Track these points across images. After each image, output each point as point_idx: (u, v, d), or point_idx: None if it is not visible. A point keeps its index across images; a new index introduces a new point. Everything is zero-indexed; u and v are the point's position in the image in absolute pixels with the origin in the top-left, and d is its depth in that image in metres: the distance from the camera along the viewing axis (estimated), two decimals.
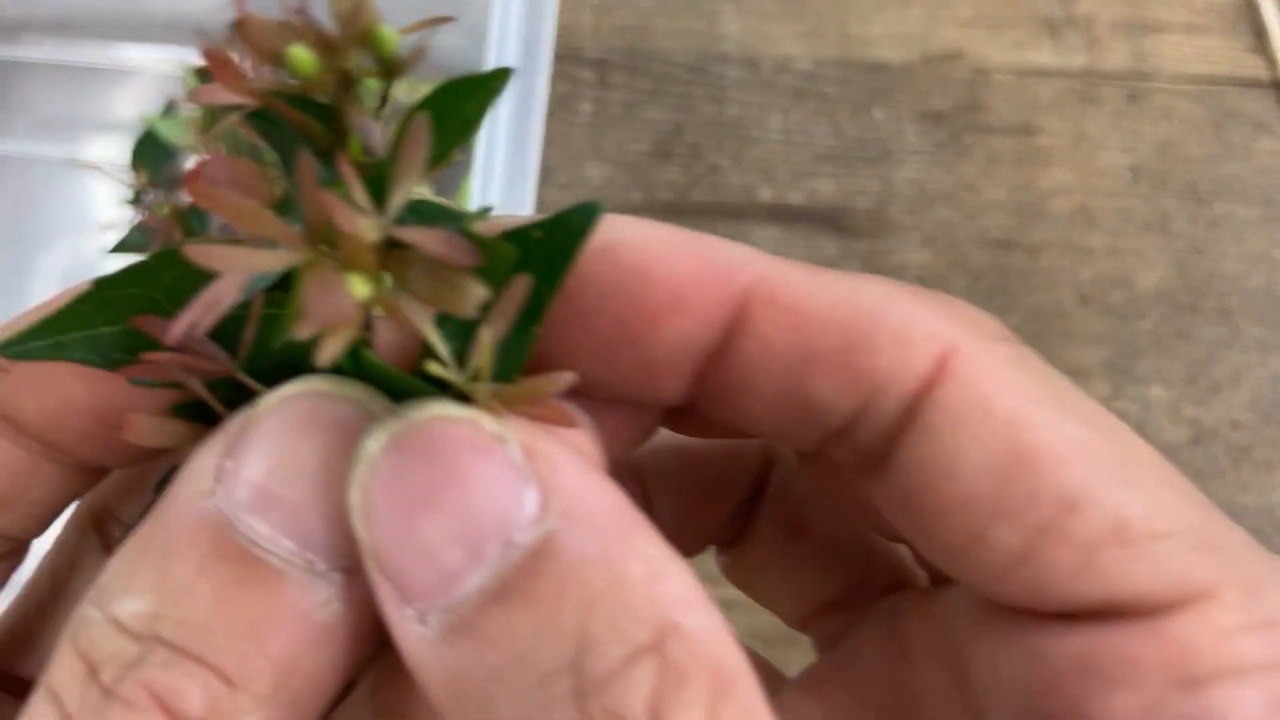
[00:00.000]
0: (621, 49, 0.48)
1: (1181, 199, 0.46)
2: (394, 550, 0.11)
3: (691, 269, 0.13)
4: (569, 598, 0.11)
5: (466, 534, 0.11)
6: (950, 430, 0.13)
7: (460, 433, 0.11)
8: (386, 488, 0.11)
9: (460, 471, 0.11)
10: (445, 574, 0.11)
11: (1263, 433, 0.45)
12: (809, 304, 0.13)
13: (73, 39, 0.49)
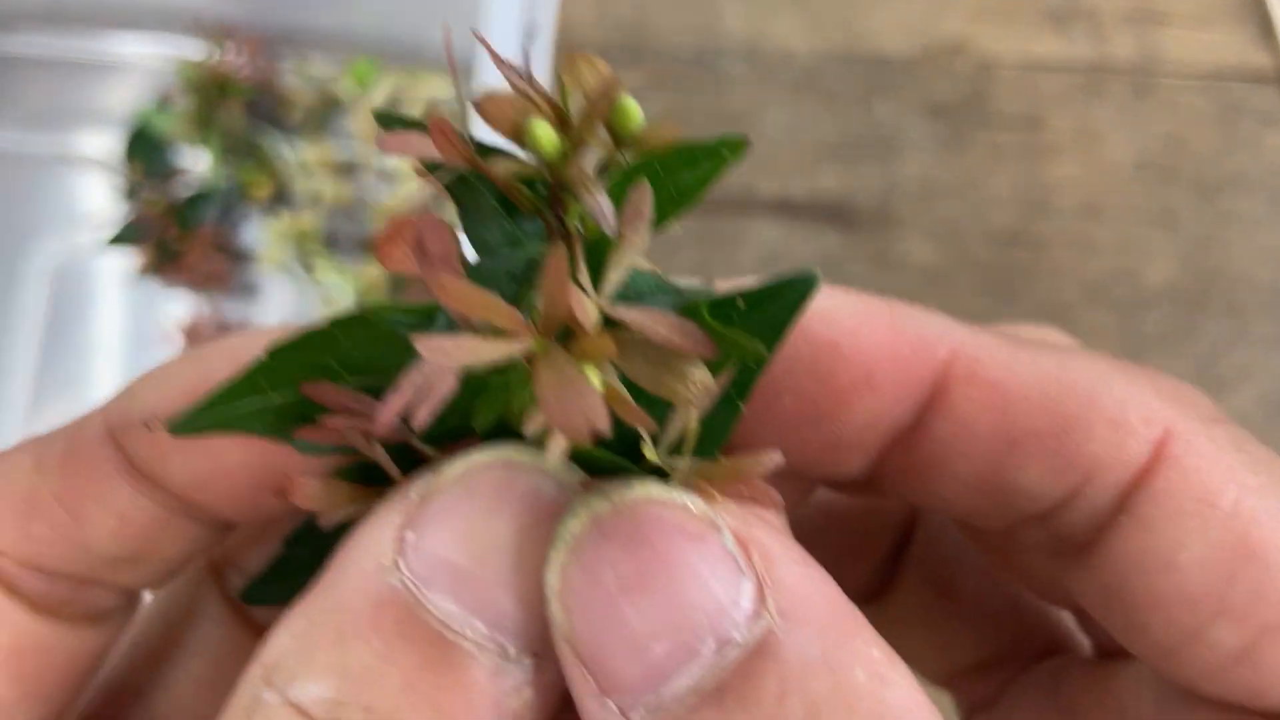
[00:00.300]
0: (621, 41, 0.48)
1: (1188, 193, 0.46)
2: (596, 640, 0.10)
3: (885, 343, 0.12)
4: (792, 705, 0.10)
5: (679, 628, 0.10)
6: (1170, 523, 0.12)
7: (672, 518, 0.10)
8: (589, 572, 0.10)
9: (672, 560, 0.10)
10: (654, 669, 0.10)
11: (1270, 428, 0.44)
12: (1013, 381, 0.12)
13: (64, 32, 0.48)
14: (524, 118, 0.10)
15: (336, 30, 0.47)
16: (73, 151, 0.47)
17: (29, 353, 0.46)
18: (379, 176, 0.46)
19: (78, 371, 0.46)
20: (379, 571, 0.11)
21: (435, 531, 0.11)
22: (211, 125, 0.44)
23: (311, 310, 0.46)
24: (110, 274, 0.47)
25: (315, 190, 0.46)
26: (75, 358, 0.46)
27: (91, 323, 0.46)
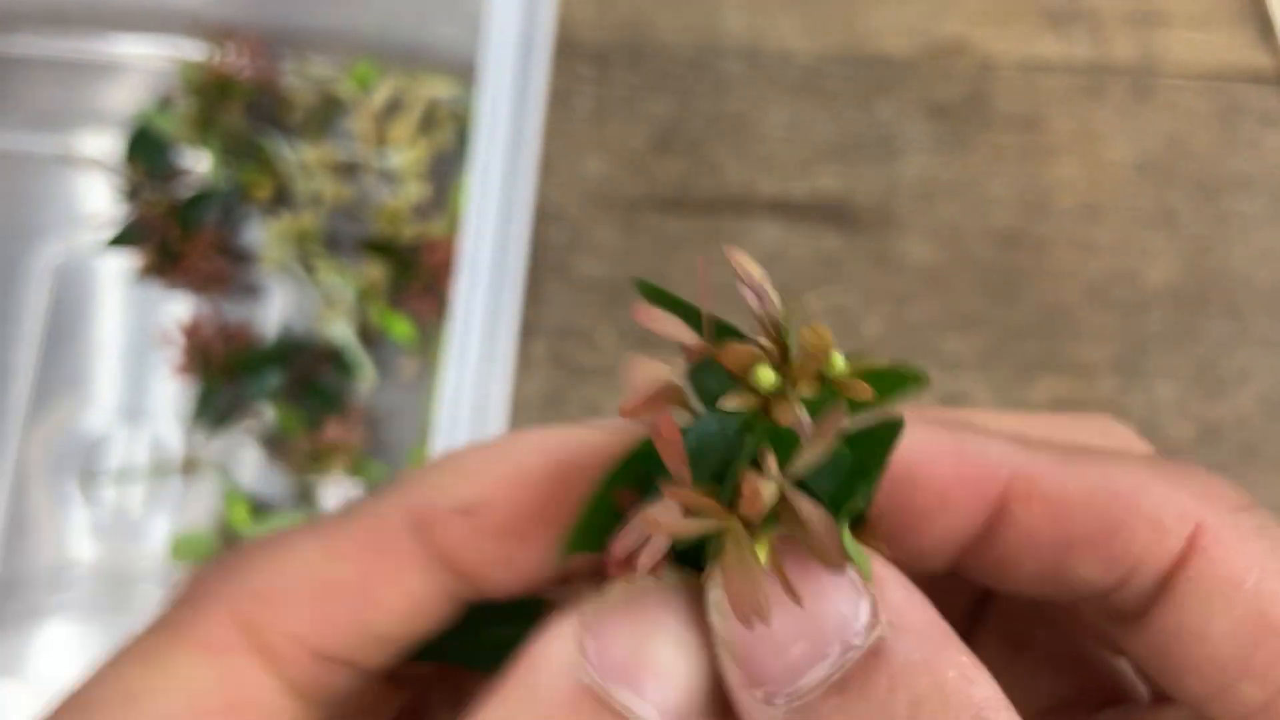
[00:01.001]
0: (621, 42, 0.48)
1: (1188, 194, 0.46)
2: (747, 643, 0.13)
3: (954, 472, 0.15)
4: (899, 696, 0.13)
5: (812, 635, 0.13)
6: (1201, 602, 0.15)
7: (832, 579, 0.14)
8: (742, 594, 0.13)
9: (809, 586, 0.13)
10: (792, 666, 0.13)
11: (1271, 430, 0.44)
12: (1065, 493, 0.15)
13: (66, 33, 0.48)
14: (753, 363, 0.14)
15: (338, 32, 0.47)
16: (74, 152, 0.47)
17: (30, 353, 0.46)
18: (380, 177, 0.46)
19: (78, 372, 0.46)
20: (571, 669, 0.13)
21: (611, 637, 0.13)
22: (212, 126, 0.44)
23: (313, 311, 0.46)
24: (111, 275, 0.47)
25: (316, 191, 0.46)
26: (76, 358, 0.46)
27: (92, 323, 0.46)
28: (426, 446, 0.44)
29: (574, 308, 0.46)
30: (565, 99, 0.47)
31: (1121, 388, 0.44)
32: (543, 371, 0.45)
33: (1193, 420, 0.44)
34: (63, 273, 0.47)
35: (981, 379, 0.45)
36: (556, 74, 0.47)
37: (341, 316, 0.44)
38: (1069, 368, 0.45)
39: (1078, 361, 0.45)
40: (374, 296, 0.45)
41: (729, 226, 0.46)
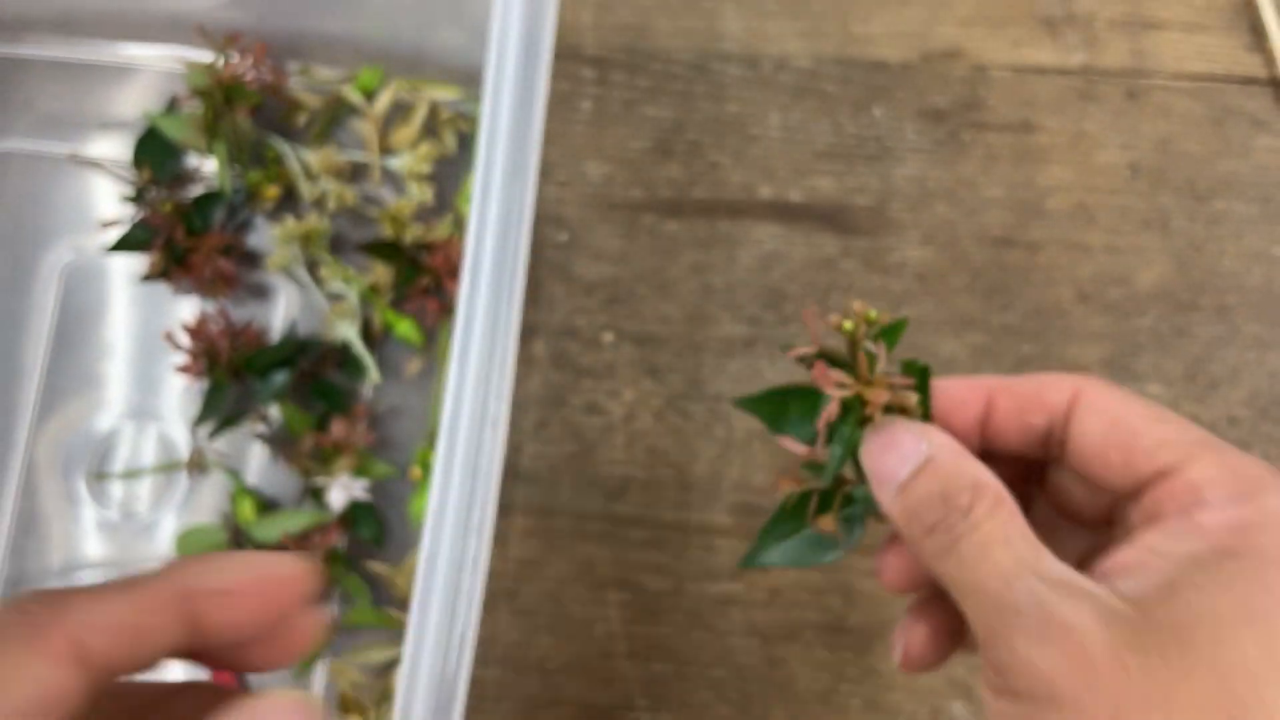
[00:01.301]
0: (622, 47, 0.48)
1: (1180, 196, 0.47)
2: (875, 462, 0.28)
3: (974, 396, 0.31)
4: (937, 477, 0.27)
5: (902, 455, 0.27)
6: (1083, 420, 0.28)
7: (895, 425, 0.28)
8: (870, 442, 0.28)
9: (896, 436, 0.28)
10: (894, 469, 0.27)
11: (1260, 429, 0.45)
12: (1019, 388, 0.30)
13: (75, 36, 0.49)
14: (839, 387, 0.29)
15: (343, 38, 0.47)
16: (83, 155, 0.48)
17: (38, 353, 0.47)
18: (384, 180, 0.47)
19: (87, 372, 0.47)
20: None
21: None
22: (219, 130, 0.45)
23: (318, 312, 0.46)
24: (119, 276, 0.47)
25: (321, 194, 0.46)
26: (84, 359, 0.47)
27: (100, 325, 0.47)
28: (431, 445, 0.45)
29: (574, 308, 0.46)
30: (566, 103, 0.48)
31: None
32: (543, 371, 0.46)
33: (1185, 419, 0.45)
34: (71, 274, 0.47)
35: None
36: (558, 78, 0.48)
37: (346, 317, 0.45)
38: (1062, 368, 0.45)
39: (1070, 362, 0.45)
40: (378, 297, 0.45)
41: (727, 228, 0.46)
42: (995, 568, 0.26)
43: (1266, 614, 0.24)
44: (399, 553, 0.45)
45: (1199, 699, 0.23)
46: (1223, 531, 0.25)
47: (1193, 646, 0.24)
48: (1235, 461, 0.26)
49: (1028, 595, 0.25)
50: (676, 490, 0.45)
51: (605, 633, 0.44)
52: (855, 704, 0.43)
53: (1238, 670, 0.23)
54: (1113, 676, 0.24)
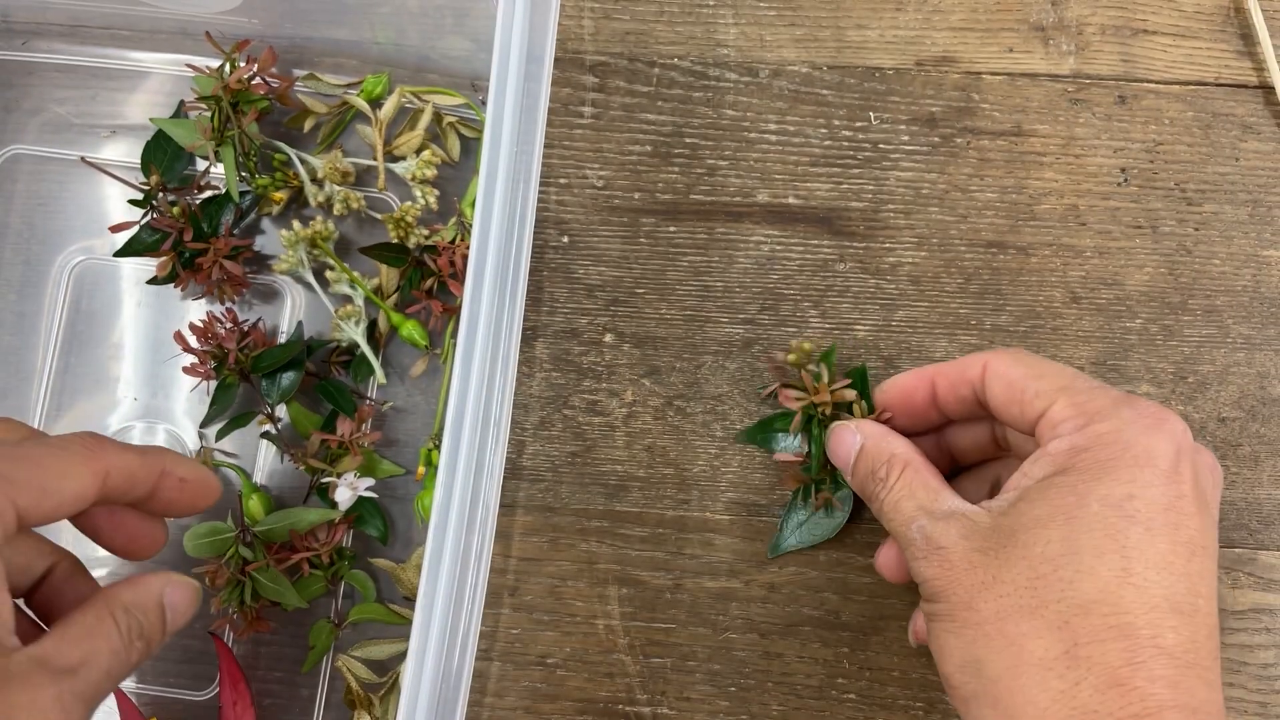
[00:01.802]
0: (622, 54, 0.49)
1: (1170, 200, 0.47)
2: (832, 455, 0.40)
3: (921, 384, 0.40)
4: (867, 457, 0.38)
5: (846, 448, 0.39)
6: (991, 385, 0.36)
7: (842, 425, 0.40)
8: (828, 442, 0.40)
9: (839, 434, 0.39)
10: (844, 458, 0.39)
11: (1249, 429, 0.45)
12: (946, 370, 0.39)
13: (86, 41, 0.49)
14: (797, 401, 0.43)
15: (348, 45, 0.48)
16: (93, 158, 0.48)
17: (48, 355, 0.47)
18: (390, 185, 0.47)
19: (96, 374, 0.47)
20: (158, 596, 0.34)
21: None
22: (226, 135, 0.45)
23: (325, 313, 0.47)
24: (128, 279, 0.48)
25: (328, 198, 0.47)
26: (94, 360, 0.47)
27: (110, 326, 0.47)
28: (436, 444, 0.45)
29: (576, 310, 0.47)
30: (567, 109, 0.48)
31: None
32: (545, 371, 0.46)
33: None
34: (81, 276, 0.48)
35: None
36: (559, 85, 0.48)
37: (352, 319, 0.45)
38: None
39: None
40: (384, 299, 0.46)
41: (726, 232, 0.47)
42: (900, 514, 0.35)
43: (1069, 514, 0.31)
44: (404, 549, 0.45)
45: (1016, 579, 0.31)
46: (1061, 455, 0.32)
47: (1016, 543, 0.31)
48: (1085, 399, 0.33)
49: (917, 530, 0.34)
50: (676, 488, 0.45)
51: (606, 628, 0.45)
52: (851, 698, 0.44)
53: (1042, 556, 0.30)
54: (966, 573, 0.32)
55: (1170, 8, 0.49)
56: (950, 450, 0.41)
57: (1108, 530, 0.30)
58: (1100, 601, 0.29)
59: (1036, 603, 0.30)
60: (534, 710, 0.44)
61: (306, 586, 0.43)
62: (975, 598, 0.31)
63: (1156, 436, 0.31)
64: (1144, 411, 0.32)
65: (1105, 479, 0.31)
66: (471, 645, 0.40)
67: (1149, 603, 0.29)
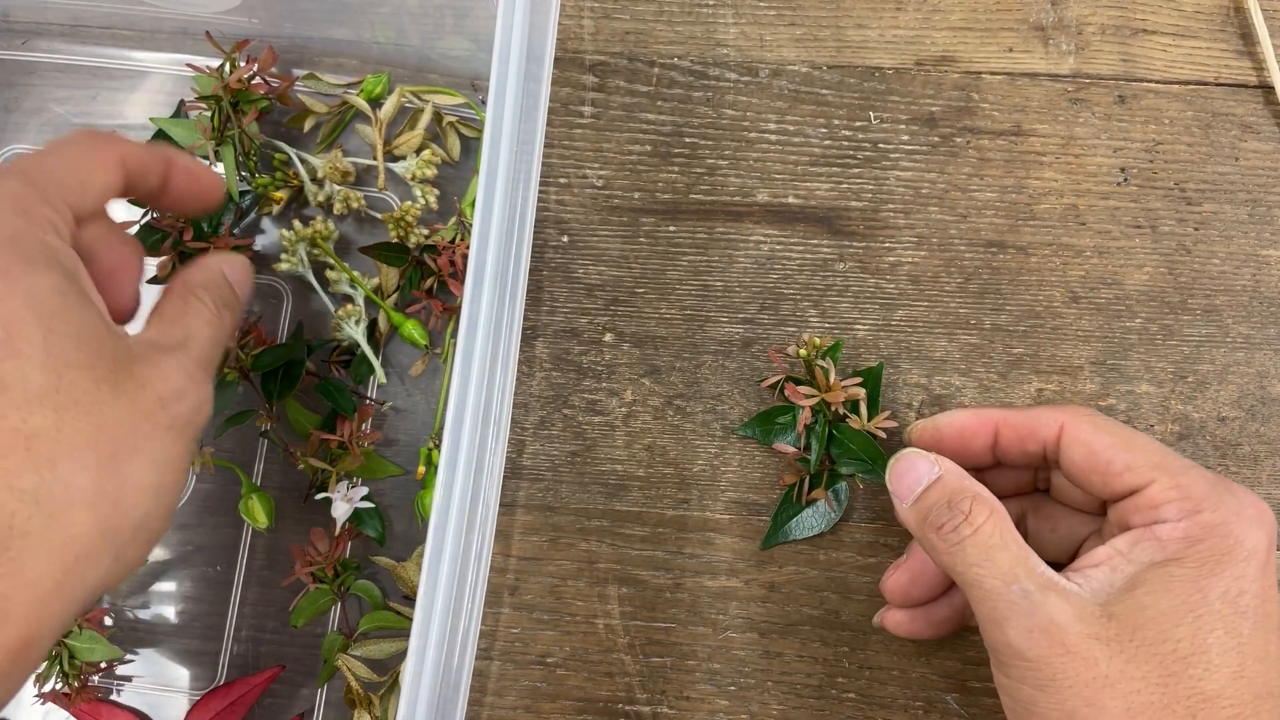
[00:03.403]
0: (621, 54, 0.49)
1: (1170, 199, 0.47)
2: (897, 483, 0.37)
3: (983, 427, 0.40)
4: (946, 489, 0.36)
5: (917, 475, 0.36)
6: (1068, 449, 0.36)
7: (911, 453, 0.38)
8: (894, 468, 0.38)
9: (912, 462, 0.37)
10: (910, 486, 0.36)
11: (1249, 428, 0.46)
12: (1015, 420, 0.38)
13: (86, 40, 0.49)
14: (807, 398, 0.43)
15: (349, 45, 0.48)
16: None
17: None
18: (390, 185, 0.47)
19: None
20: (221, 271, 0.37)
21: None
22: (226, 134, 0.45)
23: (325, 313, 0.47)
24: None
25: (328, 198, 0.47)
26: None
27: None
28: (436, 443, 0.45)
29: (575, 310, 0.47)
30: (567, 108, 0.48)
31: (1104, 387, 0.46)
32: (545, 371, 0.46)
33: (1174, 419, 0.46)
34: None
35: (968, 379, 0.46)
36: (559, 85, 0.48)
37: (353, 318, 0.46)
38: (1053, 368, 0.46)
39: (1061, 362, 0.46)
40: (384, 299, 0.46)
41: (725, 231, 0.47)
42: (995, 568, 0.33)
43: (1196, 612, 0.31)
44: (405, 549, 0.45)
45: (1148, 676, 0.31)
46: (1173, 543, 0.32)
47: (1143, 638, 0.31)
48: (1186, 481, 0.33)
49: (1021, 594, 0.32)
50: (676, 487, 0.46)
51: (606, 627, 0.45)
52: (851, 697, 0.44)
53: (1173, 655, 0.31)
54: (1083, 660, 0.31)
55: (1170, 8, 0.49)
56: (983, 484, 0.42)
57: (1228, 628, 0.31)
58: (1220, 695, 0.31)
59: (1168, 699, 0.31)
60: (534, 710, 0.44)
61: (313, 602, 0.43)
62: (1099, 694, 0.31)
63: (1259, 530, 0.33)
64: (1246, 503, 0.33)
65: (1221, 574, 0.32)
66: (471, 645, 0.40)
67: (1255, 692, 0.31)
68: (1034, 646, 0.32)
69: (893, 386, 0.46)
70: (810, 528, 0.44)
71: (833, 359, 0.44)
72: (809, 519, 0.44)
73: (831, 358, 0.44)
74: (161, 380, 0.30)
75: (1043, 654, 0.31)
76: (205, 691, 0.44)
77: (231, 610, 0.45)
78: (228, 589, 0.45)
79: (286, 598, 0.45)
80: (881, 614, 0.42)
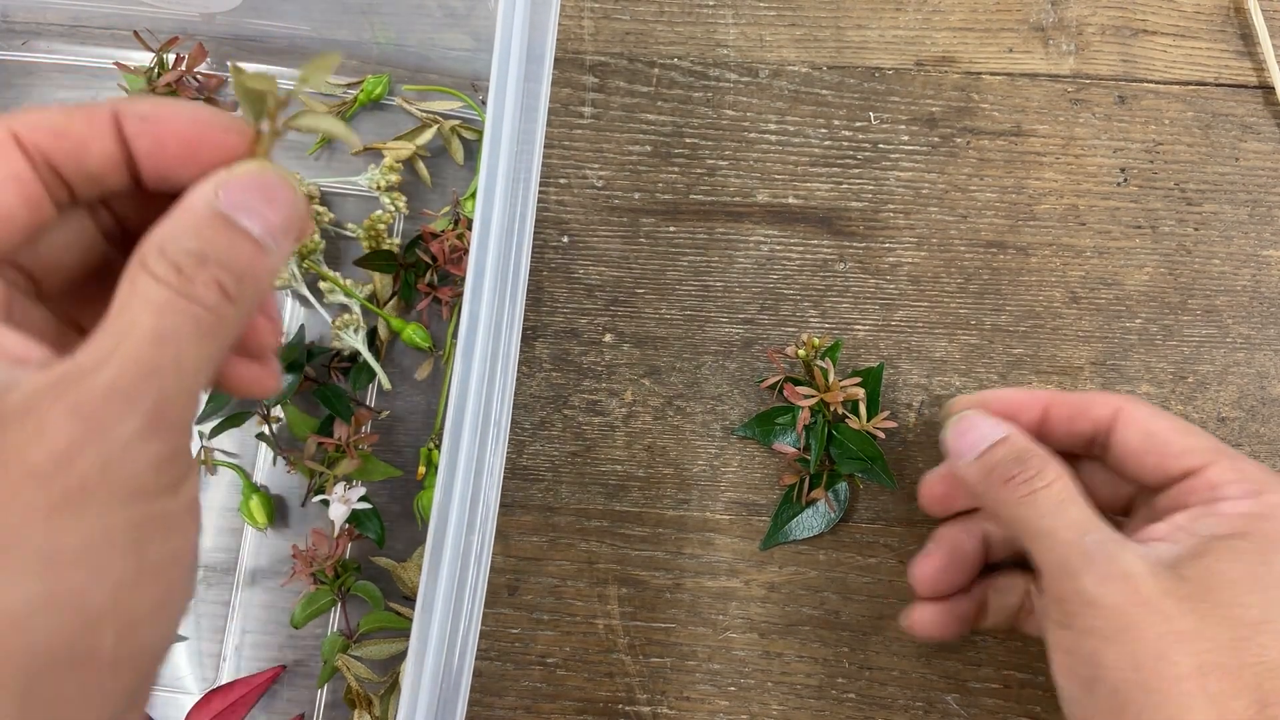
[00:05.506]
0: (622, 54, 0.49)
1: (1170, 200, 0.47)
2: (958, 441, 0.38)
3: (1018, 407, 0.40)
4: (1015, 446, 0.37)
5: (981, 434, 0.37)
6: (1123, 431, 0.37)
7: (979, 416, 0.38)
8: (955, 428, 0.38)
9: (971, 422, 0.38)
10: (974, 443, 0.37)
11: (1249, 429, 0.46)
12: (1068, 400, 0.38)
13: (85, 42, 0.49)
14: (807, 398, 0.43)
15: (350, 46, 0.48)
16: None
17: None
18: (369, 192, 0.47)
19: None
20: (210, 202, 0.23)
21: (236, 188, 0.23)
22: None
23: (324, 321, 0.47)
24: None
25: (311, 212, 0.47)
26: None
27: None
28: (437, 443, 0.45)
29: (576, 310, 0.47)
30: (567, 109, 0.48)
31: (1104, 388, 0.46)
32: (545, 371, 0.46)
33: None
34: None
35: (968, 380, 0.46)
36: (559, 85, 0.48)
37: (350, 327, 0.45)
38: (1053, 369, 0.46)
39: (1061, 362, 0.46)
40: (382, 305, 0.46)
41: (726, 231, 0.47)
42: (1070, 519, 0.33)
43: (1265, 582, 0.32)
44: (405, 549, 0.45)
45: (1219, 637, 0.31)
46: (1237, 518, 0.33)
47: (1215, 600, 0.31)
48: (1245, 466, 0.35)
49: (1097, 546, 0.33)
50: (676, 488, 0.46)
51: (606, 628, 0.45)
52: (851, 697, 0.44)
53: (1242, 620, 0.31)
54: (1158, 613, 0.31)
55: (1170, 8, 0.49)
56: None
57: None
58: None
59: (1237, 663, 0.31)
60: (534, 710, 0.44)
61: (313, 602, 0.43)
62: (1171, 648, 0.31)
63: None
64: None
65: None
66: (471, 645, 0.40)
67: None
68: (1110, 594, 0.32)
69: (892, 387, 0.46)
70: (810, 528, 0.44)
71: (832, 359, 0.44)
72: (809, 519, 0.44)
73: (831, 358, 0.44)
74: (38, 440, 0.20)
75: (1118, 602, 0.32)
76: (205, 691, 0.44)
77: (231, 610, 0.45)
78: (228, 589, 0.45)
79: (287, 598, 0.45)
80: (909, 615, 0.41)
